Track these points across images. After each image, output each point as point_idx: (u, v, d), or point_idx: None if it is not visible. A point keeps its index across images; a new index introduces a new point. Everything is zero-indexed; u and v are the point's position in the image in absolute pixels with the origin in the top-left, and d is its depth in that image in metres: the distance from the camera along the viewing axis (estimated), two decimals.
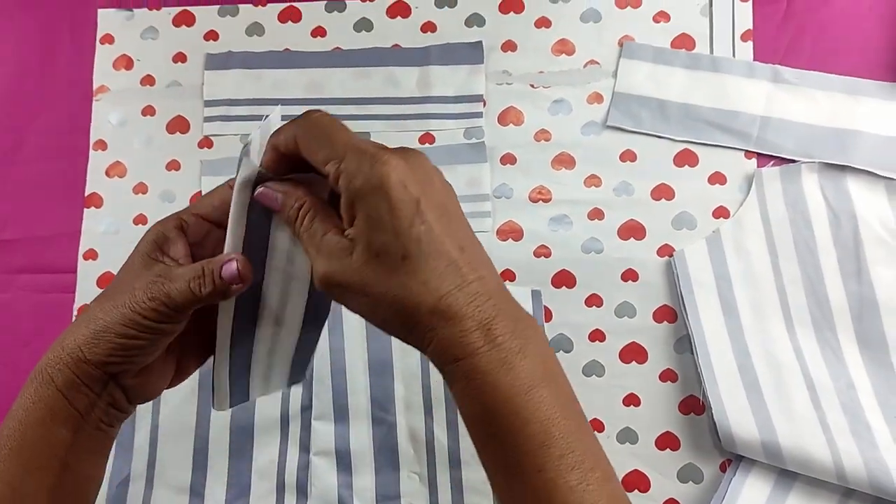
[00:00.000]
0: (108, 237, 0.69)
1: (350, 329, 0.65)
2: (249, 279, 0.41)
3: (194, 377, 0.65)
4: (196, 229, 0.44)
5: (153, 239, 0.43)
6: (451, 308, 0.36)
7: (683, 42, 0.68)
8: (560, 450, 0.36)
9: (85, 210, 0.70)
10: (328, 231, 0.38)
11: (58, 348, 0.41)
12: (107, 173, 0.71)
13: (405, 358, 0.65)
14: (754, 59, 0.67)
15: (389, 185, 0.36)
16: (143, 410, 0.65)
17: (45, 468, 0.40)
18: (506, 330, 0.36)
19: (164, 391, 0.65)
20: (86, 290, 0.69)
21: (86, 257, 0.69)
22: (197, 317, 0.43)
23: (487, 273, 0.38)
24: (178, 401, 0.66)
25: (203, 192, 0.68)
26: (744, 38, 0.67)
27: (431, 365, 0.62)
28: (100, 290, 0.68)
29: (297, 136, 0.39)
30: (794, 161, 0.65)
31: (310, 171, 0.39)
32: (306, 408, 0.65)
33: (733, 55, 0.67)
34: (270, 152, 0.40)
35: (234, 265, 0.40)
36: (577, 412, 0.38)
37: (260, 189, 0.40)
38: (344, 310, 0.43)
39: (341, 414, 0.65)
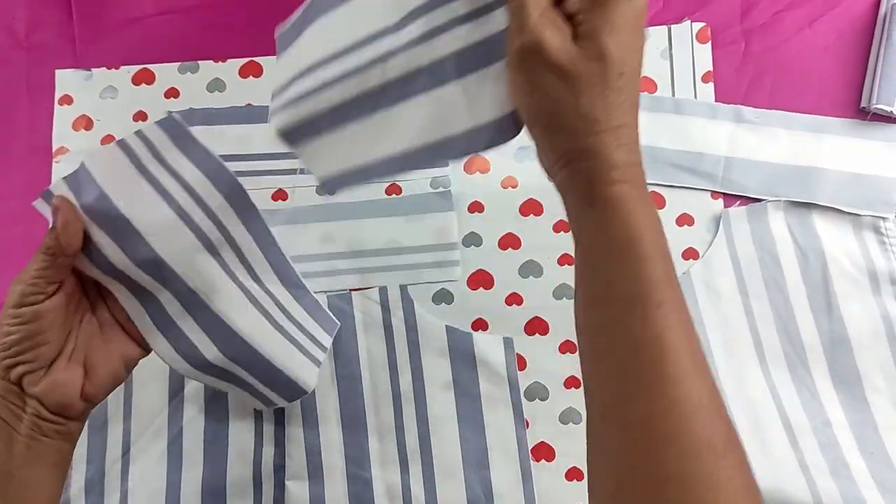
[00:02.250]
0: None
1: (322, 385, 0.64)
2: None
3: (164, 438, 0.64)
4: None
5: None
6: (628, 137, 0.37)
7: (645, 85, 0.68)
8: (677, 289, 0.37)
9: None
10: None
11: None
12: None
13: (378, 412, 0.64)
14: (716, 100, 0.68)
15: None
16: (113, 476, 0.64)
17: None
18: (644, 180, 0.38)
19: (134, 451, 0.63)
20: None
21: None
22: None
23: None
24: (149, 465, 0.64)
25: None
26: (704, 79, 0.68)
27: (406, 418, 0.62)
28: None
29: None
30: (760, 200, 0.66)
31: None
32: (279, 468, 0.63)
33: (695, 97, 0.68)
34: None
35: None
36: None
37: None
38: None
39: (315, 472, 0.63)
